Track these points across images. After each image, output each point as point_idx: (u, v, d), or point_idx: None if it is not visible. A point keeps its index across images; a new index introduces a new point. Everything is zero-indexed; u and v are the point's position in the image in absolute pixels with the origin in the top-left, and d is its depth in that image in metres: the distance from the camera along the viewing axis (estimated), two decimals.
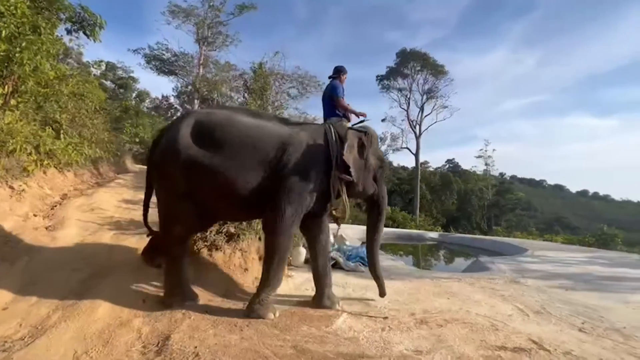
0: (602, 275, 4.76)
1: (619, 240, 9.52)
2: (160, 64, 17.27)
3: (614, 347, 2.40)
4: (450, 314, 2.91)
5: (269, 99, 7.97)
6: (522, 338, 2.45)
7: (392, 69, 26.92)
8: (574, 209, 65.38)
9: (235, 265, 3.44)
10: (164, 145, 2.67)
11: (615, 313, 3.14)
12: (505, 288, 3.90)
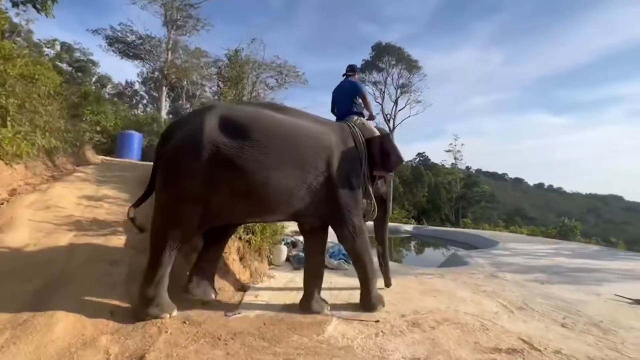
0: (570, 267, 5.01)
1: (577, 232, 10.25)
2: (123, 47, 16.04)
3: (596, 343, 2.46)
4: (440, 313, 2.88)
5: (246, 88, 7.60)
6: (513, 337, 2.45)
7: (367, 62, 27.01)
8: (531, 201, 70.14)
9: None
10: (183, 140, 2.30)
11: (590, 306, 3.27)
12: (486, 283, 3.96)
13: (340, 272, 4.21)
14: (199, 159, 2.21)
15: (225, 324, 2.36)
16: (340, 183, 2.62)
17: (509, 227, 14.65)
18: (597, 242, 9.58)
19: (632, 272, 4.96)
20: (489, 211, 37.67)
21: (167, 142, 2.39)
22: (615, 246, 9.37)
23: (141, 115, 17.09)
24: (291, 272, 4.06)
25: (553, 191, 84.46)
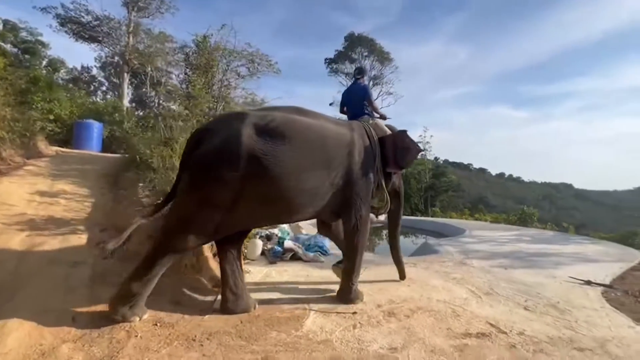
0: (530, 252, 5.38)
1: (535, 218, 11.04)
2: (78, 28, 14.71)
3: (554, 323, 2.66)
4: (414, 302, 2.97)
5: (216, 76, 7.28)
6: (481, 322, 2.59)
7: (340, 52, 26.89)
8: (493, 190, 74.44)
9: (187, 267, 3.07)
10: (219, 147, 2.27)
11: (548, 289, 3.53)
12: (455, 270, 4.15)
13: (316, 265, 4.21)
14: (235, 169, 2.22)
15: (200, 324, 2.28)
16: (356, 178, 2.78)
17: (474, 215, 15.47)
18: (552, 227, 10.38)
19: (582, 254, 5.42)
20: (456, 200, 39.54)
21: (197, 147, 2.33)
22: (567, 231, 10.20)
23: (101, 103, 15.92)
24: (267, 267, 4.01)
25: (512, 180, 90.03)
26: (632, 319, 2.86)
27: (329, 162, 2.62)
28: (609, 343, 2.35)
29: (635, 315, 3.03)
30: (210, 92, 7.11)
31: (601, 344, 2.33)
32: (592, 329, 2.57)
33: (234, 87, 7.48)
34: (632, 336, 2.49)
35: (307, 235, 5.34)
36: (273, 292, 3.09)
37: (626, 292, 3.63)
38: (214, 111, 6.21)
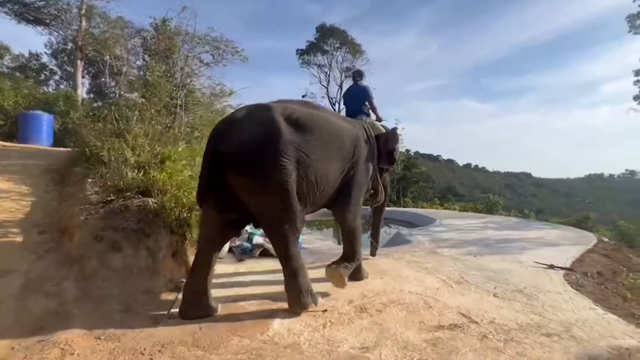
0: (497, 239, 5.53)
1: (500, 206, 11.55)
2: (20, 8, 13.26)
3: (523, 309, 2.68)
4: (386, 295, 2.89)
5: (177, 63, 6.80)
6: (453, 312, 2.55)
7: (312, 43, 26.50)
8: (460, 180, 77.83)
9: (141, 269, 2.77)
10: (262, 140, 2.27)
11: (515, 274, 3.59)
12: (427, 260, 4.14)
13: None
14: (287, 156, 2.29)
15: (152, 334, 2.04)
16: (359, 171, 3.01)
17: (443, 205, 15.95)
18: (515, 214, 10.91)
19: (543, 239, 5.66)
20: (426, 190, 40.83)
21: (227, 141, 2.28)
22: (528, 217, 10.75)
23: (52, 93, 14.58)
24: (234, 264, 3.78)
25: (478, 170, 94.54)
26: (592, 301, 2.96)
27: (343, 154, 2.82)
28: (573, 326, 2.38)
29: (595, 297, 3.15)
30: (172, 80, 6.64)
31: (567, 327, 2.36)
32: (557, 313, 2.61)
33: (198, 75, 7.03)
34: (594, 318, 2.55)
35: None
36: (239, 292, 2.89)
37: (585, 274, 3.78)
38: (175, 100, 5.78)
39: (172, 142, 4.76)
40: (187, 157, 4.39)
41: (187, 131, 5.39)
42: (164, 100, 5.54)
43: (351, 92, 3.73)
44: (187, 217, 3.51)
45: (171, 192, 3.45)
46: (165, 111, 5.52)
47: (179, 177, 3.63)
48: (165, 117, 5.38)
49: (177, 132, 4.95)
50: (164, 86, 5.72)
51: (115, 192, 3.35)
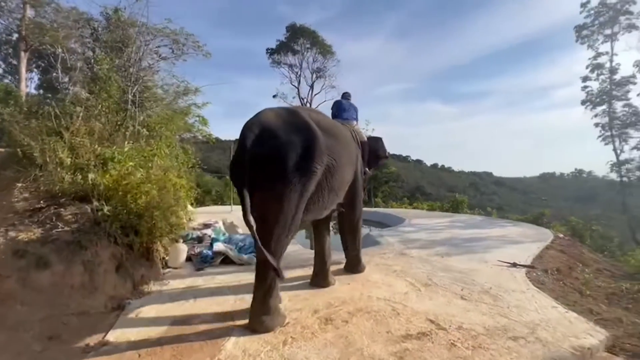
0: (463, 238, 5.61)
1: (465, 205, 11.96)
2: None
3: (489, 311, 2.64)
4: (353, 303, 2.74)
5: (132, 57, 6.27)
6: (421, 319, 2.45)
7: (282, 43, 26.16)
8: (428, 179, 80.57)
9: (75, 286, 2.41)
10: (306, 143, 2.30)
11: (481, 274, 3.59)
12: (396, 262, 4.07)
13: (250, 269, 3.77)
14: (321, 163, 2.39)
15: None
16: (359, 173, 3.35)
17: (412, 204, 16.29)
18: (479, 213, 11.33)
19: (506, 237, 5.83)
20: (396, 190, 41.81)
21: (261, 144, 2.18)
22: (491, 215, 11.20)
23: None
24: (191, 276, 3.48)
25: (444, 170, 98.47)
26: (553, 298, 3.00)
27: (352, 159, 3.12)
28: (538, 327, 2.36)
29: (555, 294, 3.22)
30: (127, 74, 6.12)
31: (532, 329, 2.34)
32: (522, 314, 2.59)
33: (155, 69, 6.55)
34: (556, 317, 2.56)
35: (242, 235, 4.87)
36: (192, 308, 2.61)
37: (545, 271, 3.88)
38: (127, 95, 5.30)
39: (121, 142, 4.34)
40: (137, 158, 4.01)
41: (139, 130, 4.95)
42: (114, 96, 5.05)
43: (343, 104, 3.99)
44: (135, 224, 3.16)
45: (116, 196, 3.09)
46: (115, 108, 5.03)
47: (126, 180, 3.26)
48: (115, 114, 4.91)
49: (126, 131, 4.52)
50: (115, 80, 5.23)
51: (48, 198, 2.94)
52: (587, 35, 15.09)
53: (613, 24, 14.26)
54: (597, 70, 14.88)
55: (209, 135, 8.55)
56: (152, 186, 3.66)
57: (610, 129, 14.57)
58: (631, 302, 3.58)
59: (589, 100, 15.27)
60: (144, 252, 3.24)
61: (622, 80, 14.31)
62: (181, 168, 6.61)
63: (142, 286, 2.96)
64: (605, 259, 5.92)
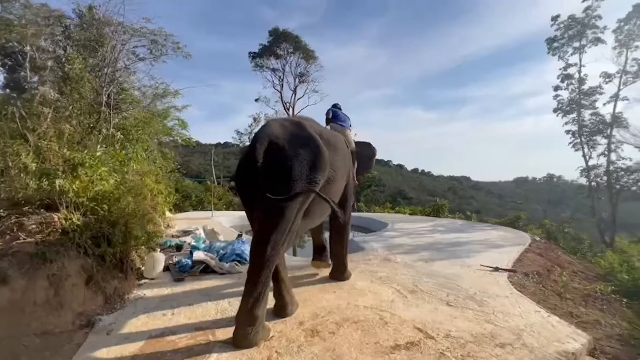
0: (446, 243, 5.68)
1: (446, 209, 12.19)
2: None
3: (475, 317, 2.64)
4: (340, 312, 2.67)
5: (107, 57, 6.00)
6: (409, 328, 2.41)
7: (265, 47, 26.06)
8: (409, 184, 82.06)
9: (38, 303, 2.21)
10: (313, 157, 2.42)
11: (465, 279, 3.61)
12: (381, 268, 4.04)
13: (232, 278, 3.64)
14: (324, 176, 2.52)
15: None
16: (349, 179, 3.45)
17: (394, 208, 16.45)
18: (460, 217, 11.57)
19: (487, 241, 5.95)
20: (378, 194, 42.32)
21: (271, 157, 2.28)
22: (471, 219, 11.46)
23: None
24: (169, 287, 3.30)
25: (425, 175, 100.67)
26: (535, 302, 3.05)
27: (347, 169, 3.23)
28: (523, 333, 2.38)
29: (537, 297, 3.27)
30: (101, 75, 5.84)
31: (518, 335, 2.35)
32: (507, 319, 2.61)
33: (132, 70, 6.29)
34: (540, 322, 2.59)
35: (223, 243, 4.70)
36: (170, 322, 2.46)
37: (526, 275, 3.96)
38: (101, 97, 5.05)
39: (94, 146, 4.10)
40: (112, 163, 3.79)
41: (113, 133, 4.71)
42: (87, 97, 4.78)
43: (339, 114, 4.15)
44: (108, 233, 2.97)
45: (87, 204, 2.89)
46: (88, 109, 4.77)
47: (98, 186, 3.06)
48: (88, 116, 4.65)
49: (99, 134, 4.29)
50: (88, 81, 4.96)
51: (10, 206, 2.70)
52: (557, 47, 15.95)
53: (581, 37, 15.16)
54: (567, 80, 15.74)
55: (188, 138, 8.31)
56: (128, 192, 3.48)
57: (579, 136, 15.38)
58: (605, 303, 3.71)
59: (560, 108, 16.10)
60: (118, 263, 3.04)
61: (590, 90, 15.19)
62: (159, 173, 6.38)
63: (114, 300, 2.77)
64: (579, 261, 6.15)
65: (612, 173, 14.55)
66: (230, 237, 5.65)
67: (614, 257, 5.65)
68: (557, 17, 16.06)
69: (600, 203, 15.21)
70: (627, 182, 14.17)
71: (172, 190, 7.19)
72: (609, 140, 14.63)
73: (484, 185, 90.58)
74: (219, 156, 44.54)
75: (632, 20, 13.95)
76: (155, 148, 7.03)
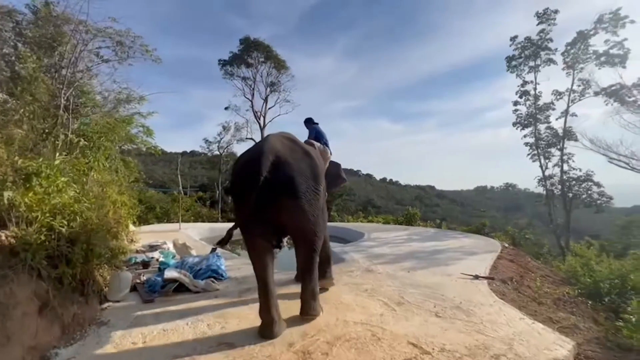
0: (424, 251, 5.74)
1: (417, 218, 12.51)
2: None
3: (466, 328, 2.62)
4: (330, 330, 2.53)
5: (66, 57, 5.51)
6: (403, 343, 2.33)
7: (235, 55, 25.73)
8: (378, 193, 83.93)
9: None
10: (316, 165, 2.84)
11: (449, 288, 3.62)
12: (365, 280, 3.96)
13: (209, 296, 3.37)
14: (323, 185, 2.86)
15: None
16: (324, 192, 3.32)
17: (367, 217, 16.62)
18: (431, 225, 11.92)
19: (462, 248, 6.11)
20: (349, 203, 42.81)
21: (278, 170, 2.49)
22: (441, 227, 11.84)
23: None
24: (138, 309, 2.97)
25: (393, 184, 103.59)
26: (517, 309, 3.11)
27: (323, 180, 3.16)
28: (514, 342, 2.38)
29: (518, 304, 3.35)
30: (58, 76, 5.35)
31: (509, 344, 2.35)
32: (496, 329, 2.61)
33: (95, 73, 5.82)
34: (527, 330, 2.63)
35: (197, 258, 4.37)
36: (141, 353, 2.18)
37: (504, 282, 4.07)
38: (59, 100, 4.59)
39: (50, 153, 3.68)
40: (71, 172, 3.41)
41: (72, 139, 4.28)
42: (41, 100, 4.31)
43: (321, 132, 4.22)
44: (66, 252, 2.61)
45: (42, 219, 2.53)
46: (43, 113, 4.30)
47: (56, 199, 2.71)
48: (43, 120, 4.19)
49: (56, 140, 3.87)
50: (43, 82, 4.50)
51: None
52: (515, 65, 17.29)
53: (536, 58, 16.57)
54: (525, 96, 17.07)
55: (154, 147, 7.82)
56: (89, 205, 3.13)
57: (536, 148, 16.64)
58: (574, 306, 3.90)
59: (519, 122, 17.39)
60: (78, 285, 2.68)
61: (544, 106, 16.56)
62: (122, 183, 5.91)
63: (73, 329, 2.42)
64: (544, 266, 6.50)
65: (565, 182, 15.82)
66: (203, 252, 5.30)
67: (575, 261, 6.03)
68: (515, 37, 17.47)
69: (555, 210, 16.42)
70: (578, 190, 15.46)
71: (135, 201, 6.70)
72: (562, 152, 15.95)
73: (448, 194, 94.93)
74: (185, 165, 42.78)
75: (577, 45, 15.49)
76: (118, 156, 6.53)
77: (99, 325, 2.60)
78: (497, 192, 59.40)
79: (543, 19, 16.36)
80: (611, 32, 14.53)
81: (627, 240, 9.96)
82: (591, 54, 15.14)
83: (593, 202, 15.36)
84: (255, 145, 2.88)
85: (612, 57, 14.32)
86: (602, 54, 14.64)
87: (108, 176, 5.35)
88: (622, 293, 4.25)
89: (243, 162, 2.71)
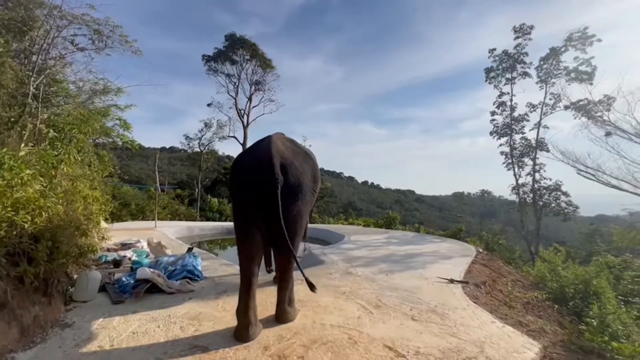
0: (402, 255, 5.83)
1: (397, 221, 12.71)
2: None
3: (440, 331, 2.67)
4: (306, 333, 2.51)
5: (37, 42, 5.22)
6: (379, 346, 2.34)
7: (220, 51, 25.26)
8: (359, 195, 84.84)
9: None
10: (316, 166, 2.99)
11: (425, 292, 3.69)
12: (343, 283, 3.96)
13: (184, 298, 3.27)
14: None
15: None
16: None
17: (348, 220, 16.72)
18: (410, 228, 12.14)
19: (439, 253, 6.25)
20: (331, 205, 43.02)
21: (289, 170, 2.53)
22: (419, 231, 12.07)
23: None
24: (106, 311, 2.84)
25: (374, 187, 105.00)
26: (489, 312, 3.21)
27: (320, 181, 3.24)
28: (485, 345, 2.45)
29: (490, 308, 3.46)
30: (28, 62, 5.06)
31: (480, 347, 2.41)
32: (469, 332, 2.68)
33: (68, 62, 5.54)
34: (497, 333, 2.71)
35: (172, 257, 4.24)
36: (110, 354, 2.08)
37: (477, 286, 4.19)
38: (28, 87, 4.33)
39: (15, 143, 3.47)
40: (38, 165, 3.22)
41: (41, 129, 4.05)
42: (7, 87, 4.05)
43: None
44: (29, 249, 2.46)
45: (2, 214, 2.36)
46: (9, 101, 4.05)
47: (19, 192, 2.54)
48: (9, 108, 3.94)
49: (23, 130, 3.65)
50: (10, 67, 4.23)
51: None
52: (493, 77, 17.97)
53: (512, 70, 17.29)
54: (502, 107, 17.75)
55: (131, 141, 7.53)
56: (56, 200, 2.96)
57: (511, 157, 17.33)
58: (542, 310, 4.07)
59: (495, 131, 18.05)
60: (41, 285, 2.52)
61: (519, 117, 17.29)
62: (95, 177, 5.65)
63: (33, 331, 2.27)
64: (515, 271, 6.75)
65: (537, 191, 16.56)
66: (179, 251, 5.15)
67: (543, 267, 6.30)
68: (493, 50, 18.13)
69: (527, 217, 17.14)
70: (548, 199, 16.22)
71: (109, 197, 6.42)
72: (534, 162, 16.69)
73: (427, 199, 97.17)
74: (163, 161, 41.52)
75: (549, 60, 16.28)
76: (91, 149, 6.24)
77: (62, 328, 2.46)
78: (473, 199, 61.39)
79: (519, 33, 17.09)
80: (580, 50, 15.40)
81: (590, 248, 10.51)
82: (562, 69, 15.98)
83: (561, 211, 16.13)
84: (259, 145, 2.72)
85: (581, 73, 15.17)
86: (572, 70, 15.49)
87: (79, 170, 5.10)
88: (585, 297, 4.47)
89: (251, 164, 2.57)
